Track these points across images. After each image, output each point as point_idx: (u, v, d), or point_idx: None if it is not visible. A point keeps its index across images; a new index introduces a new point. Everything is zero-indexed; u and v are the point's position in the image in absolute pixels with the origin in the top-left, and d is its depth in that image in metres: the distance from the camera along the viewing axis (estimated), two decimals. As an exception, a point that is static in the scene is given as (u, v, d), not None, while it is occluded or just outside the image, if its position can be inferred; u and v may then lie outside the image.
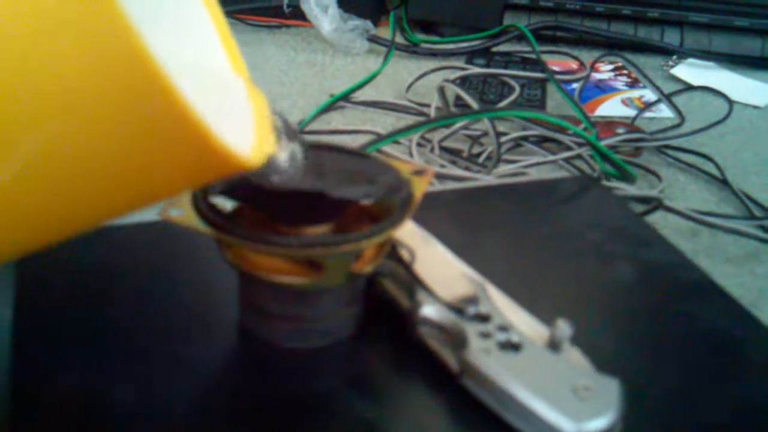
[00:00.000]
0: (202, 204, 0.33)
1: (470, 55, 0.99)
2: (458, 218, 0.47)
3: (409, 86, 0.87)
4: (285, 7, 0.99)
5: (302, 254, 0.32)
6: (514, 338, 0.33)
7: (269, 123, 0.30)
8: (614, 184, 0.63)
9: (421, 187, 0.36)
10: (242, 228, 0.32)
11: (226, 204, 0.35)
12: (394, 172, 0.36)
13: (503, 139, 0.72)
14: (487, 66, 0.95)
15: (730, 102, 0.87)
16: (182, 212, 0.33)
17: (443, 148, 0.71)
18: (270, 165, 0.29)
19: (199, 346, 0.36)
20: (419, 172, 0.37)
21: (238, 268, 0.34)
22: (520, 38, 0.98)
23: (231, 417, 0.32)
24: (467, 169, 0.67)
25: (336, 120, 0.80)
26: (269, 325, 0.35)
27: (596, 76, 0.96)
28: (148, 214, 0.48)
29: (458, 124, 0.73)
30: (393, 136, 0.58)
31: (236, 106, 0.30)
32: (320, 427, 0.32)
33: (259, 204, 0.34)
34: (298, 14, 0.98)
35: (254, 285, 0.34)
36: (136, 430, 0.31)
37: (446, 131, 0.73)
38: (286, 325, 0.35)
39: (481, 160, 0.70)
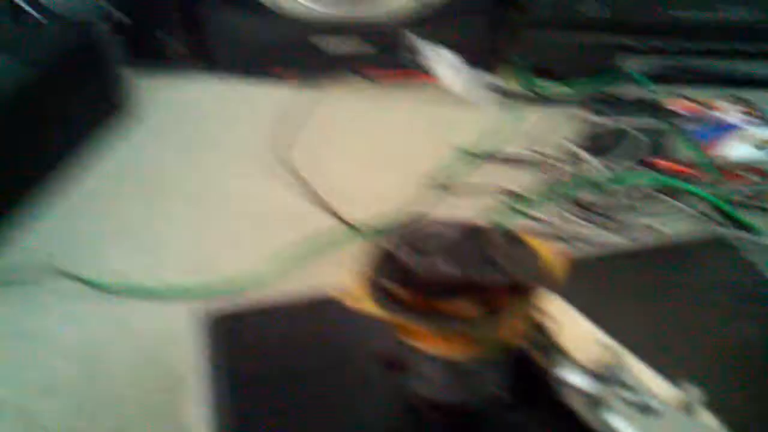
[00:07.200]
0: (379, 293, 0.39)
1: (588, 100, 1.02)
2: (591, 284, 0.51)
3: (531, 136, 0.92)
4: (410, 63, 1.06)
5: (456, 331, 0.38)
6: (652, 402, 0.38)
7: None
8: (743, 234, 0.66)
9: (559, 269, 0.41)
10: (414, 313, 0.38)
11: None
12: (534, 256, 0.41)
13: (634, 193, 0.76)
14: (604, 108, 0.98)
15: None
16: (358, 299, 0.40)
17: (575, 203, 0.76)
18: None
19: (371, 410, 0.42)
20: (557, 255, 0.42)
21: (408, 343, 0.40)
22: (637, 80, 1.00)
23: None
24: (603, 226, 0.71)
25: (462, 172, 0.86)
26: (435, 389, 0.41)
27: (718, 115, 0.98)
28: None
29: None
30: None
31: None
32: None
33: (418, 287, 0.40)
34: (423, 69, 1.05)
35: (421, 357, 0.40)
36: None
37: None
38: (449, 389, 0.41)
39: (611, 211, 0.74)
